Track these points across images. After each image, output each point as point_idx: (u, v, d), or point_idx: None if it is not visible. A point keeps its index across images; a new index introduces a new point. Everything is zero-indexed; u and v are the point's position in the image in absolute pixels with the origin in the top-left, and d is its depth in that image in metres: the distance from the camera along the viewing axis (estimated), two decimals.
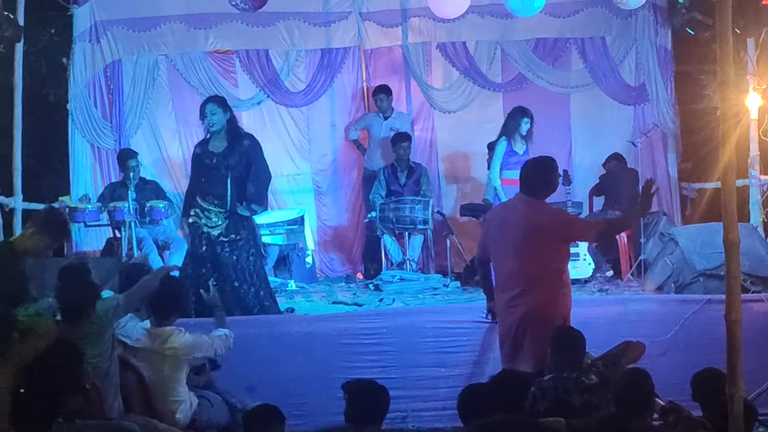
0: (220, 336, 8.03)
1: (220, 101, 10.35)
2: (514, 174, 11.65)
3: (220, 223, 10.17)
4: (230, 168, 10.14)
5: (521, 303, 7.59)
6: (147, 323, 7.74)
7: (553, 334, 7.21)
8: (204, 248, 10.18)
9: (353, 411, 6.07)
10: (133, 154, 12.67)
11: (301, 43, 14.19)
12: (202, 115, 10.25)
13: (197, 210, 10.25)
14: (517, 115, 12.01)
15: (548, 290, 7.57)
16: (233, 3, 11.65)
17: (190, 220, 10.33)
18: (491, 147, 12.29)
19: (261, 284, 10.37)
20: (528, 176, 7.92)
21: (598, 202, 13.61)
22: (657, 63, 14.27)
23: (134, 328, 7.68)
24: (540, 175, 7.90)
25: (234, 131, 10.29)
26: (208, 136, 10.32)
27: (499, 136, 12.03)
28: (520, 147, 11.87)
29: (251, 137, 10.53)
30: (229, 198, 10.16)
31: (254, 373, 9.02)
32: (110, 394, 7.20)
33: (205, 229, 10.16)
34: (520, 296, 7.60)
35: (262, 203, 10.61)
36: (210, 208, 10.18)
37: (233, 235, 10.19)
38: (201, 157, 10.30)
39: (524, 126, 11.90)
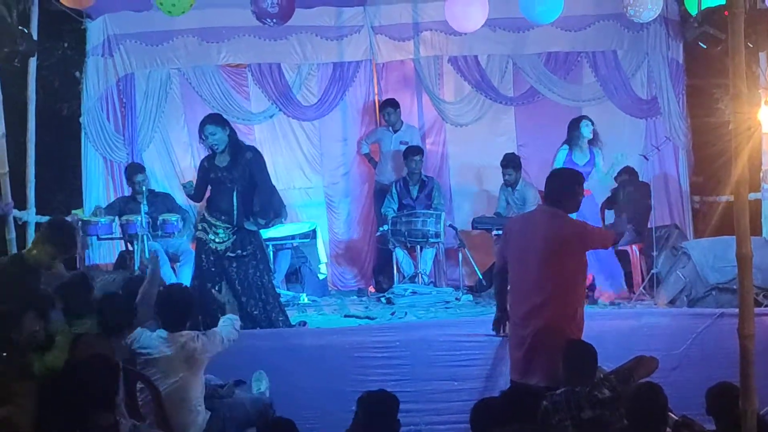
0: (227, 324, 8.03)
1: (217, 120, 10.31)
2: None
3: (226, 238, 10.18)
4: (235, 181, 10.15)
5: (538, 316, 7.55)
6: (162, 332, 7.73)
7: (565, 348, 7.19)
8: (211, 263, 10.19)
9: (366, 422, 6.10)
10: (140, 169, 12.69)
11: (314, 56, 14.22)
12: (202, 137, 10.25)
13: (204, 225, 10.27)
14: (575, 122, 12.20)
15: (566, 305, 7.53)
16: (264, 22, 11.63)
17: (197, 233, 10.35)
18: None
19: (269, 299, 10.37)
20: (555, 187, 7.89)
21: (610, 215, 13.59)
22: (669, 77, 14.26)
23: (150, 338, 7.65)
24: (568, 186, 7.87)
25: (236, 145, 10.28)
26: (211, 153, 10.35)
27: (562, 144, 12.15)
28: (581, 157, 11.86)
29: (253, 149, 10.56)
30: (235, 213, 10.18)
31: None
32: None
33: (212, 245, 10.17)
34: (538, 309, 7.55)
35: (268, 216, 10.60)
36: (217, 223, 10.19)
37: (239, 251, 10.20)
38: (207, 171, 10.33)
39: (585, 130, 11.92)
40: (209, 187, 10.39)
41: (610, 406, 6.64)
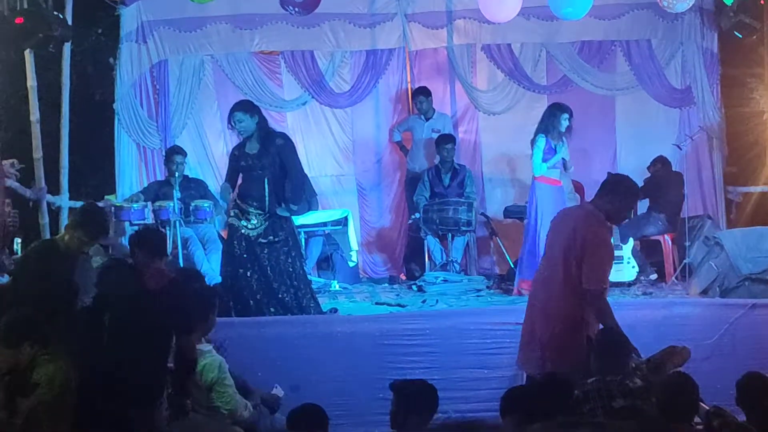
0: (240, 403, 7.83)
1: (246, 107, 10.30)
2: (554, 173, 11.64)
3: (258, 225, 10.19)
4: (265, 168, 10.14)
5: (547, 310, 7.56)
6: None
7: (597, 337, 7.17)
8: (243, 249, 10.21)
9: (403, 410, 6.11)
10: (181, 151, 12.68)
11: (347, 44, 14.22)
12: (231, 124, 10.26)
13: (236, 211, 10.28)
14: (556, 111, 11.74)
15: (572, 306, 7.46)
16: (287, 9, 11.67)
17: (229, 220, 10.37)
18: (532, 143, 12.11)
19: (300, 285, 10.37)
20: (611, 191, 7.56)
21: (643, 205, 13.54)
22: (703, 66, 14.18)
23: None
24: (625, 198, 7.58)
25: (265, 132, 10.27)
26: (241, 139, 10.37)
27: (536, 133, 11.75)
28: (559, 146, 11.69)
29: (284, 136, 10.56)
30: (267, 199, 10.17)
31: (297, 373, 9.05)
32: None
33: (245, 231, 10.18)
34: (550, 302, 7.54)
35: (300, 201, 10.61)
36: (250, 210, 10.20)
37: (271, 237, 10.20)
38: (238, 159, 10.34)
39: (563, 122, 11.67)
40: (240, 175, 10.40)
41: (641, 395, 6.60)
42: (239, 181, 10.44)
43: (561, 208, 11.38)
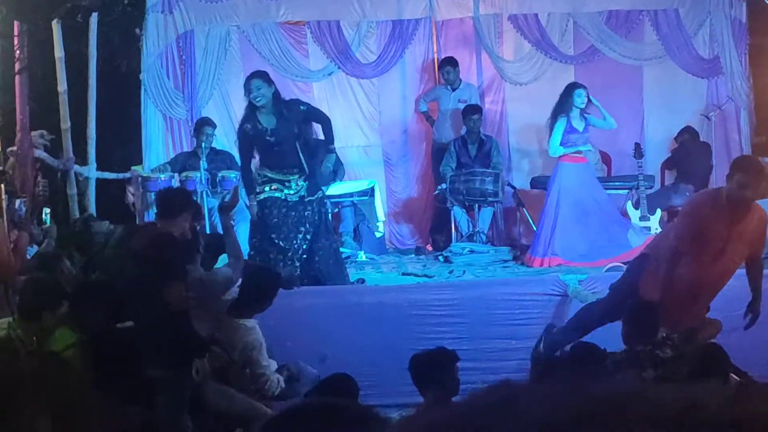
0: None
1: (265, 76, 10.26)
2: (575, 150, 11.60)
3: (298, 187, 10.20)
4: (292, 136, 10.11)
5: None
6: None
7: (627, 307, 7.18)
8: (282, 215, 10.20)
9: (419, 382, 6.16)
10: (211, 123, 12.69)
11: (373, 14, 14.18)
12: (248, 91, 10.15)
13: (272, 184, 10.23)
14: (569, 90, 11.69)
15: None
16: None
17: (264, 195, 10.30)
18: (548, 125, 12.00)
19: (334, 244, 10.62)
20: (735, 167, 7.54)
21: (670, 176, 13.51)
22: (731, 35, 14.11)
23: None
24: (747, 172, 7.42)
25: (280, 103, 10.19)
26: (248, 111, 10.28)
27: (554, 115, 11.65)
28: (579, 123, 11.64)
29: (303, 102, 10.66)
30: (304, 163, 10.19)
31: (325, 343, 9.07)
32: None
33: (283, 196, 10.18)
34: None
35: (333, 143, 10.70)
36: (289, 177, 10.19)
37: (311, 197, 10.22)
38: (255, 136, 10.19)
39: (578, 99, 11.59)
40: (259, 150, 10.36)
41: (672, 365, 6.60)
42: (256, 157, 10.42)
43: (588, 184, 11.44)
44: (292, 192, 10.17)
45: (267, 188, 10.20)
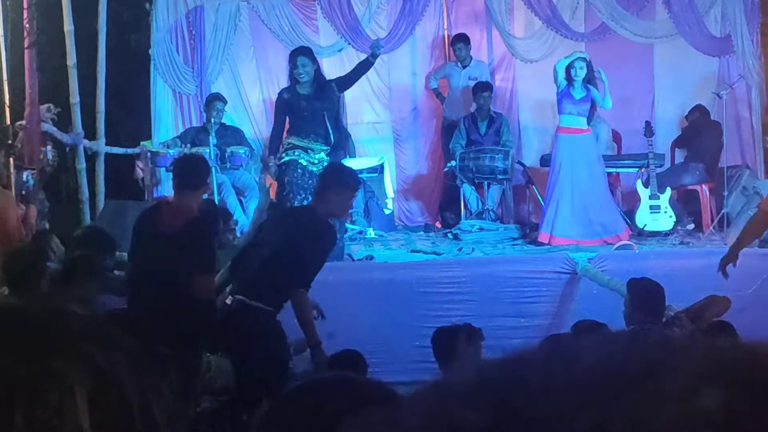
0: None
1: (310, 54, 10.61)
2: (572, 121, 11.58)
3: (322, 158, 10.33)
4: (324, 108, 10.38)
5: None
6: None
7: (630, 286, 7.16)
8: (303, 180, 10.28)
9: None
10: (222, 98, 12.70)
11: None
12: (294, 66, 10.42)
13: (297, 151, 10.35)
14: (572, 59, 11.69)
15: None
16: None
17: (287, 158, 10.40)
18: None
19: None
20: None
21: (681, 154, 13.47)
22: (743, 14, 13.99)
23: None
24: None
25: (320, 78, 10.55)
26: (291, 83, 10.50)
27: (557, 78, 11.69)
28: (578, 91, 11.60)
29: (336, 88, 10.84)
30: (331, 134, 10.40)
31: (333, 320, 9.05)
32: None
33: (305, 162, 10.28)
34: None
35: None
36: (313, 146, 10.35)
37: None
38: (290, 103, 10.50)
39: (572, 70, 11.53)
40: (291, 117, 10.60)
41: None
42: (287, 125, 10.66)
43: (588, 157, 11.43)
44: (315, 161, 10.26)
45: (296, 152, 10.34)
